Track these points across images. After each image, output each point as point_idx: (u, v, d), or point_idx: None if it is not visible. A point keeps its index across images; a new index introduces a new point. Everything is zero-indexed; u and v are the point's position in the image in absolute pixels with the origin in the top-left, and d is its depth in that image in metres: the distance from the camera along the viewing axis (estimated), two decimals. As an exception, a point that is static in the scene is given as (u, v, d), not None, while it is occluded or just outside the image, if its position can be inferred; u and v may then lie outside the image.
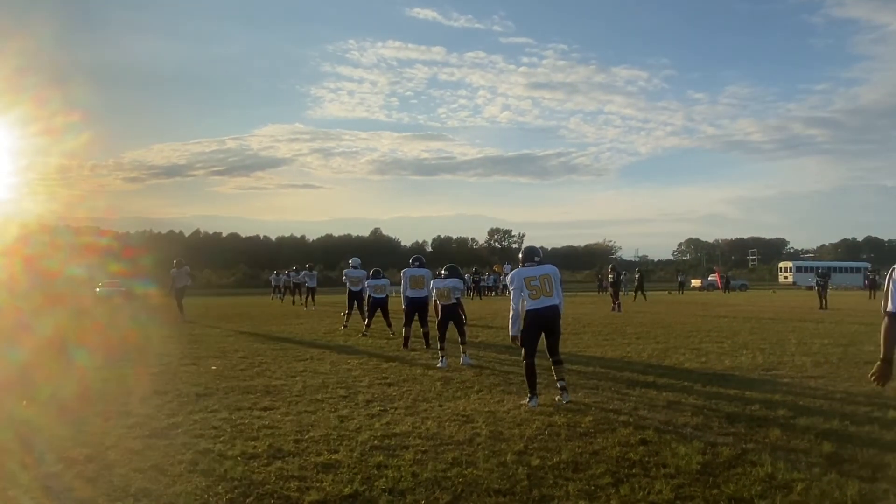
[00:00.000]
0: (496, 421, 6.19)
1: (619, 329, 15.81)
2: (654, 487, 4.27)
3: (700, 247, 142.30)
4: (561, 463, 4.83)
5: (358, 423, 6.16)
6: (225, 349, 12.24)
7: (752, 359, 10.36)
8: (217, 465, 4.85)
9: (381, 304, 14.44)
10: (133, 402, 7.30)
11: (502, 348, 12.14)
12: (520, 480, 4.44)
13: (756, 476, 4.47)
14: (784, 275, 73.31)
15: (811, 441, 5.37)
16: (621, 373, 9.11)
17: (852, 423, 5.99)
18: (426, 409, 6.79)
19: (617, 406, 6.84)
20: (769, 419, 6.17)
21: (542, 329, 7.01)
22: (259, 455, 5.10)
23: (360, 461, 4.91)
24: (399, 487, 4.32)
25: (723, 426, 5.94)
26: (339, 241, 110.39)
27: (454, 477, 4.52)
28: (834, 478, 4.43)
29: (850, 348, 11.61)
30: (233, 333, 15.44)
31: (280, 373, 9.28)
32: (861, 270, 65.30)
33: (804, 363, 9.83)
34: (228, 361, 10.52)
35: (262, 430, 5.91)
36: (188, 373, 9.35)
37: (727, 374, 8.96)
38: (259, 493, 4.25)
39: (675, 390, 7.70)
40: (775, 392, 7.54)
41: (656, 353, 11.15)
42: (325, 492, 4.25)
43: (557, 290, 7.06)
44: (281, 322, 19.26)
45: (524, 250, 7.39)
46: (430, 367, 9.58)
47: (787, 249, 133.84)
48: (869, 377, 4.27)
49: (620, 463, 4.83)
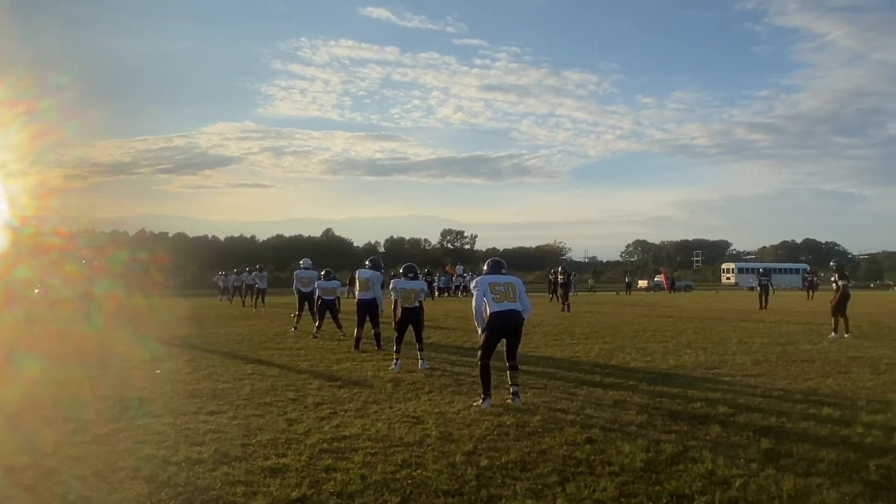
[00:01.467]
0: (446, 422, 6.22)
1: (568, 329, 16.05)
2: (600, 485, 4.36)
3: (647, 248, 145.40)
4: (509, 463, 4.89)
5: (307, 426, 6.10)
6: (170, 352, 11.96)
7: (695, 358, 10.66)
8: (160, 471, 4.74)
9: (331, 306, 14.33)
10: (74, 407, 7.07)
11: (453, 349, 12.19)
12: (468, 481, 4.48)
13: (697, 472, 4.61)
14: (727, 276, 75.59)
15: (750, 437, 5.56)
16: (569, 372, 9.25)
17: (789, 419, 6.22)
18: (376, 411, 6.77)
19: (565, 405, 6.95)
20: (710, 416, 6.36)
21: (504, 333, 7.09)
22: (204, 460, 5.01)
23: (308, 465, 4.87)
24: (347, 490, 4.31)
25: (666, 424, 6.10)
26: (290, 242, 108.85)
27: (403, 479, 4.53)
28: (771, 473, 4.60)
29: (788, 347, 12.05)
30: (179, 336, 15.08)
31: (227, 376, 9.11)
32: (800, 272, 67.80)
33: (744, 362, 10.16)
34: (174, 365, 10.28)
35: (207, 434, 5.80)
36: (132, 377, 9.10)
37: (671, 372, 9.20)
38: (204, 498, 4.18)
39: (621, 389, 7.87)
40: (716, 390, 7.78)
41: (603, 353, 11.36)
42: (272, 496, 4.20)
43: (522, 297, 7.17)
44: (229, 324, 18.91)
45: (490, 262, 7.51)
46: (382, 369, 9.55)
47: (730, 251, 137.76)
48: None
49: (567, 462, 4.92)
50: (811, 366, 9.72)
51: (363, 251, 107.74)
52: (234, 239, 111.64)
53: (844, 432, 5.73)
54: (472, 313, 7.34)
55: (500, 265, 7.45)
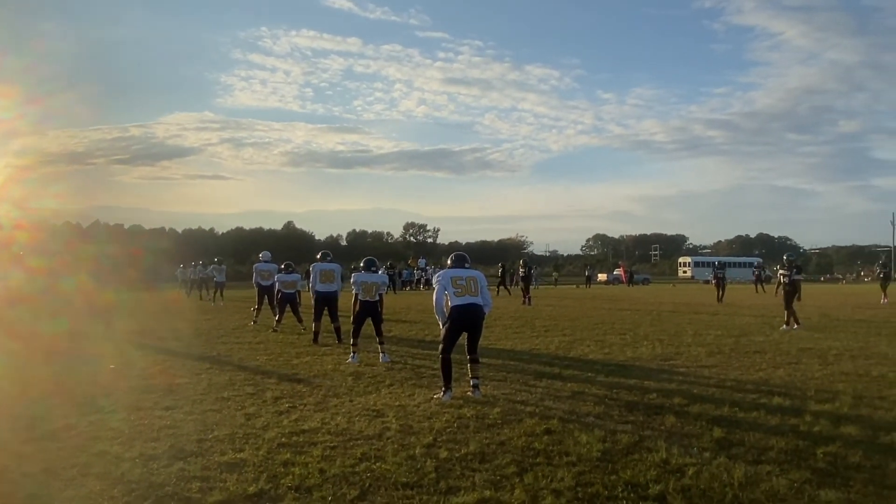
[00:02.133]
0: (406, 415, 6.22)
1: (529, 322, 16.19)
2: (557, 475, 4.42)
3: (607, 242, 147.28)
4: (468, 454, 4.92)
5: (265, 420, 6.04)
6: (126, 346, 11.70)
7: (651, 349, 10.85)
8: (113, 468, 4.65)
9: (291, 300, 14.19)
10: (24, 403, 6.89)
11: (415, 342, 12.19)
12: (427, 473, 4.49)
13: (651, 461, 4.70)
14: (683, 269, 77.22)
15: (703, 427, 5.69)
16: (529, 364, 9.34)
17: (741, 409, 6.38)
18: (336, 404, 6.74)
19: (524, 397, 7.01)
20: (665, 407, 6.49)
21: (465, 326, 7.12)
22: (159, 456, 4.92)
23: (266, 459, 4.83)
24: (306, 484, 4.28)
25: (622, 414, 6.20)
26: (250, 235, 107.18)
27: (362, 472, 4.52)
28: (723, 461, 4.72)
29: (741, 339, 12.35)
30: (136, 331, 14.77)
31: (184, 371, 8.96)
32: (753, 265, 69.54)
33: (699, 353, 10.39)
34: (129, 360, 10.06)
35: (163, 430, 5.70)
36: (86, 372, 8.89)
37: (628, 364, 9.35)
38: (158, 495, 4.11)
39: (580, 381, 7.97)
40: (672, 381, 7.94)
41: (563, 345, 11.49)
42: (228, 491, 4.15)
43: (483, 292, 7.20)
44: (187, 318, 18.58)
45: (454, 256, 7.54)
46: (342, 363, 9.50)
47: (687, 245, 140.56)
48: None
49: (526, 452, 4.97)
50: (763, 357, 9.99)
51: (325, 244, 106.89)
52: (192, 231, 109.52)
53: (793, 421, 5.90)
54: (432, 306, 7.36)
55: (464, 259, 7.49)
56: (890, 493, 4.10)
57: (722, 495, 4.04)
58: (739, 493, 4.08)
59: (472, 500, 3.96)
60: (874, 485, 4.26)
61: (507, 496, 4.05)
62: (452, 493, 4.10)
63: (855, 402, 6.72)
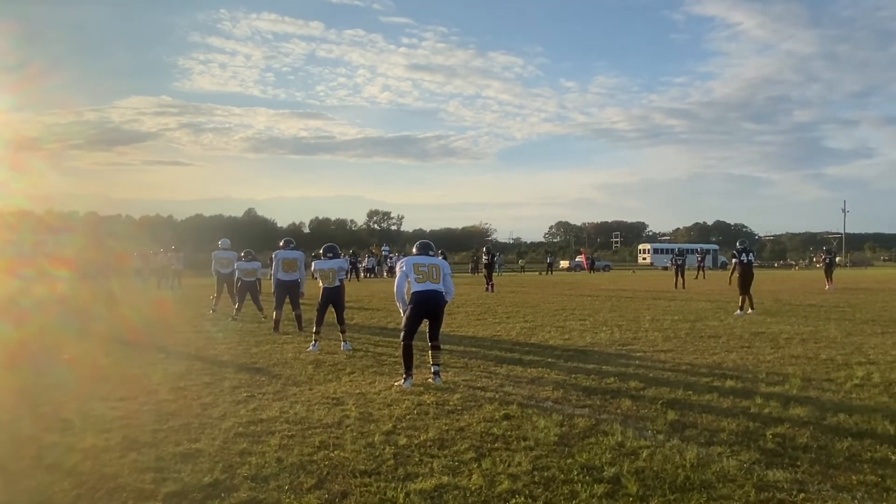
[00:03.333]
0: (366, 402, 6.21)
1: (491, 309, 16.28)
2: (514, 460, 4.46)
3: (569, 229, 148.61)
4: (427, 441, 4.93)
5: (222, 410, 5.97)
6: (79, 336, 11.42)
7: (610, 335, 11.02)
8: (65, 460, 4.54)
9: (251, 288, 14.02)
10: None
11: (377, 330, 12.16)
12: (386, 460, 4.49)
13: (607, 445, 4.78)
14: (643, 256, 78.34)
15: (658, 410, 5.80)
16: (490, 351, 9.40)
17: (694, 392, 6.52)
18: (295, 393, 6.69)
19: (484, 383, 7.05)
20: (622, 391, 6.60)
21: (425, 313, 7.13)
22: (112, 447, 4.82)
23: (222, 449, 4.77)
24: (262, 474, 4.24)
25: (580, 399, 6.29)
26: (209, 222, 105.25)
27: (320, 460, 4.50)
28: (676, 444, 4.82)
29: (696, 324, 12.62)
30: (91, 319, 14.41)
31: (139, 360, 8.79)
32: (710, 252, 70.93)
33: (656, 338, 10.58)
34: (82, 350, 9.83)
35: (116, 421, 5.59)
36: (37, 363, 8.65)
37: (588, 349, 9.48)
38: (110, 486, 4.03)
39: (540, 366, 8.05)
40: (629, 365, 8.07)
41: (524, 332, 11.59)
42: (182, 482, 4.09)
43: (445, 281, 7.23)
44: (143, 307, 18.21)
45: (419, 243, 7.56)
46: (302, 351, 9.43)
47: (647, 232, 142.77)
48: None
49: (484, 438, 5.00)
50: (717, 341, 10.22)
51: (287, 232, 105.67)
52: (149, 218, 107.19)
53: (745, 403, 6.06)
54: (394, 293, 7.35)
55: (428, 247, 7.50)
56: (835, 473, 4.23)
57: (674, 477, 4.13)
58: (691, 474, 4.17)
59: (429, 487, 3.97)
60: (820, 464, 4.39)
61: (464, 481, 4.07)
62: (410, 480, 4.11)
63: (804, 384, 6.92)
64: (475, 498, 3.81)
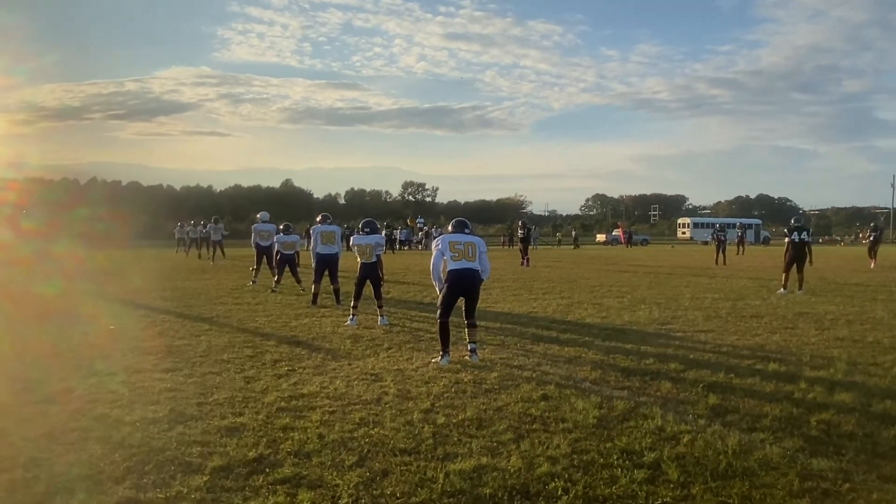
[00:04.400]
0: (404, 379, 6.27)
1: (527, 284, 16.23)
2: (553, 442, 4.46)
3: (606, 202, 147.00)
4: (466, 420, 4.96)
5: (264, 384, 6.08)
6: (124, 307, 11.74)
7: (648, 313, 10.90)
8: (114, 432, 4.69)
9: (290, 260, 14.21)
10: (24, 366, 6.92)
11: (413, 305, 12.24)
12: (425, 439, 4.54)
13: (647, 429, 4.75)
14: (682, 230, 77.06)
15: (698, 394, 5.74)
16: (527, 328, 9.38)
17: (737, 375, 6.43)
18: (335, 368, 6.78)
19: (521, 362, 7.06)
20: (661, 372, 6.54)
21: (461, 291, 7.15)
22: (159, 420, 4.96)
23: (265, 424, 4.87)
24: (305, 450, 4.32)
25: (619, 380, 6.25)
26: (248, 192, 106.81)
27: (361, 437, 4.57)
28: (717, 429, 4.77)
29: (738, 303, 12.41)
30: (133, 290, 14.80)
31: (183, 332, 9.00)
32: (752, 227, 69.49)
33: (696, 317, 10.44)
34: (128, 320, 10.10)
35: (163, 393, 5.74)
36: (84, 333, 8.92)
37: (626, 328, 9.40)
38: (159, 459, 4.15)
39: (577, 345, 8.02)
40: (668, 346, 7.99)
41: (561, 309, 11.54)
42: (228, 456, 4.19)
43: (482, 258, 7.22)
44: (185, 278, 18.62)
45: (455, 221, 7.58)
46: (340, 325, 9.55)
47: (686, 206, 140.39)
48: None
49: (522, 419, 5.01)
50: (759, 321, 10.04)
51: (323, 203, 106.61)
52: (190, 189, 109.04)
53: (788, 388, 5.95)
54: (430, 268, 7.39)
55: (464, 225, 7.51)
56: (882, 462, 4.14)
57: (716, 463, 4.09)
58: (733, 461, 4.12)
59: (468, 467, 4.00)
60: (866, 453, 4.30)
61: (503, 463, 4.09)
62: (450, 460, 4.15)
63: (850, 368, 6.77)
64: (514, 480, 3.83)
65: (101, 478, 3.85)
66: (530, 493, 3.67)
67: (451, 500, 3.57)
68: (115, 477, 3.86)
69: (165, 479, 3.84)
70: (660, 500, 3.58)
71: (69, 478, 3.85)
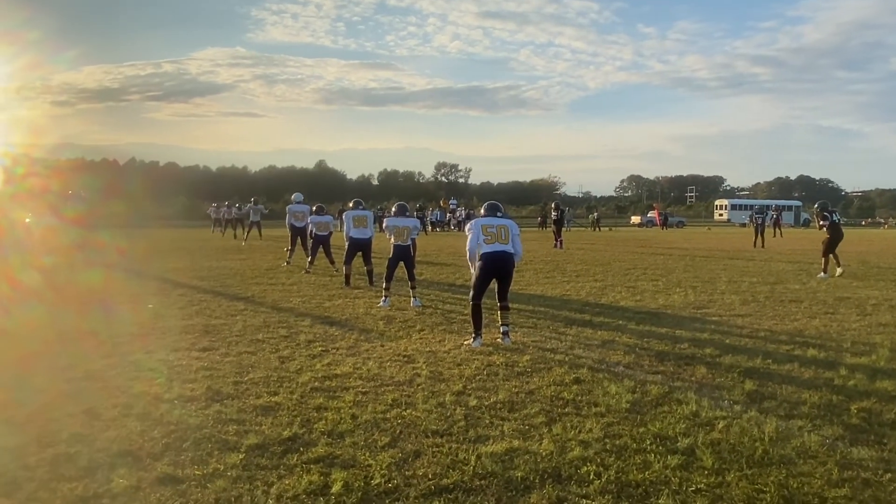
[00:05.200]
0: (436, 361, 6.29)
1: (560, 267, 16.13)
2: (585, 426, 4.44)
3: (642, 183, 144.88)
4: (497, 403, 4.96)
5: (299, 364, 6.16)
6: (162, 286, 11.98)
7: (684, 297, 10.75)
8: (153, 409, 4.80)
9: (324, 241, 14.32)
10: (65, 343, 7.12)
11: (445, 286, 12.25)
12: (457, 421, 4.55)
13: (681, 414, 4.69)
14: (720, 212, 75.74)
15: (734, 379, 5.65)
16: (560, 311, 9.33)
17: (774, 361, 6.31)
18: (367, 349, 6.84)
19: (554, 345, 7.03)
20: (696, 357, 6.45)
21: (494, 273, 7.15)
22: (197, 398, 5.07)
23: (299, 403, 4.94)
24: (338, 430, 4.37)
25: (653, 364, 6.19)
26: (282, 173, 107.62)
27: (393, 419, 4.60)
28: (754, 415, 4.69)
29: (776, 286, 12.16)
30: (171, 269, 15.09)
31: (220, 311, 9.16)
32: (793, 209, 67.98)
33: (733, 301, 10.26)
34: (166, 299, 10.31)
35: (199, 371, 5.86)
36: (124, 312, 9.13)
37: (660, 312, 9.29)
38: (196, 437, 4.24)
39: (610, 329, 7.95)
40: (704, 330, 7.87)
41: (594, 292, 11.44)
42: (263, 435, 4.27)
43: (514, 241, 7.20)
44: (222, 258, 18.91)
45: (487, 204, 7.58)
46: (373, 307, 9.61)
47: (724, 187, 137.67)
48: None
49: (554, 402, 5.00)
50: (799, 306, 9.83)
51: (356, 184, 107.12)
52: (225, 169, 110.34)
53: (828, 375, 5.83)
54: (464, 249, 7.40)
55: (496, 208, 7.49)
56: (925, 452, 4.04)
57: (752, 450, 4.02)
58: (770, 448, 4.06)
59: (500, 450, 4.01)
60: (909, 443, 4.20)
61: (535, 446, 4.09)
62: (481, 442, 4.16)
63: (892, 355, 6.59)
64: (546, 464, 3.82)
65: (140, 454, 3.95)
66: (562, 476, 3.66)
67: (483, 483, 3.58)
68: (154, 453, 3.96)
69: (202, 456, 3.93)
70: (694, 486, 3.55)
71: (110, 453, 3.96)
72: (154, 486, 3.52)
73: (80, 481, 3.57)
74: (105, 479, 3.59)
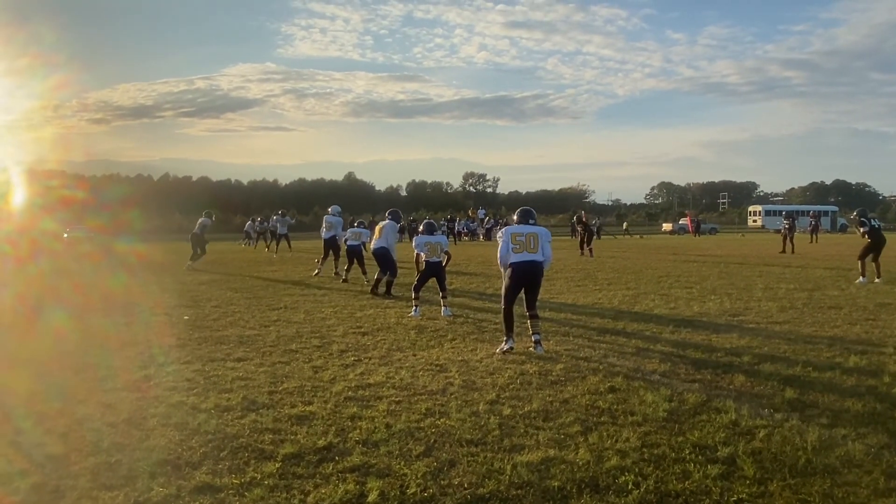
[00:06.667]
0: (469, 370, 6.27)
1: (591, 275, 15.99)
2: (622, 435, 4.38)
3: (672, 190, 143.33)
4: (532, 412, 4.93)
5: (332, 373, 6.19)
6: (197, 298, 12.16)
7: (719, 304, 10.58)
8: (190, 419, 4.86)
9: (357, 252, 14.42)
10: (103, 354, 7.25)
11: (475, 295, 12.23)
12: (491, 430, 4.53)
13: (720, 423, 4.61)
14: (753, 218, 74.40)
15: (774, 387, 5.53)
16: (592, 319, 9.25)
17: (815, 368, 6.17)
18: (400, 358, 6.85)
19: (587, 353, 6.96)
20: (734, 365, 6.34)
21: (523, 283, 7.14)
22: (233, 407, 5.12)
23: (333, 413, 4.96)
24: (373, 439, 4.38)
25: (689, 373, 6.09)
26: (312, 186, 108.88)
27: (427, 428, 4.59)
28: (795, 424, 4.58)
29: (815, 293, 11.90)
30: (205, 282, 15.32)
31: (254, 322, 9.26)
32: (829, 214, 66.64)
33: (770, 308, 10.07)
34: (201, 311, 10.46)
35: (235, 381, 5.92)
36: (160, 323, 9.29)
37: (695, 319, 9.15)
38: (233, 446, 4.28)
39: (644, 337, 7.85)
40: (741, 338, 7.73)
41: (627, 300, 11.32)
42: (299, 444, 4.29)
43: (544, 248, 7.19)
44: (254, 269, 19.14)
45: (519, 211, 7.53)
46: (404, 316, 9.63)
47: (757, 193, 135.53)
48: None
49: (590, 411, 4.94)
50: (838, 312, 9.61)
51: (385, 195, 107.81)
52: (257, 183, 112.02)
53: (871, 382, 5.68)
54: (493, 258, 7.42)
55: (529, 215, 7.45)
56: (977, 462, 3.90)
57: (794, 459, 3.93)
58: (813, 457, 3.96)
59: (536, 459, 3.97)
60: (959, 452, 4.06)
61: (571, 455, 4.04)
62: (517, 451, 4.13)
63: (939, 362, 6.40)
64: (583, 473, 3.78)
65: (179, 463, 4.00)
66: (599, 486, 3.62)
67: (519, 492, 3.55)
68: (193, 462, 4.01)
69: (240, 465, 3.96)
70: (735, 496, 3.47)
71: (150, 462, 4.01)
72: (193, 495, 3.56)
73: (121, 490, 3.62)
74: (145, 488, 3.64)
